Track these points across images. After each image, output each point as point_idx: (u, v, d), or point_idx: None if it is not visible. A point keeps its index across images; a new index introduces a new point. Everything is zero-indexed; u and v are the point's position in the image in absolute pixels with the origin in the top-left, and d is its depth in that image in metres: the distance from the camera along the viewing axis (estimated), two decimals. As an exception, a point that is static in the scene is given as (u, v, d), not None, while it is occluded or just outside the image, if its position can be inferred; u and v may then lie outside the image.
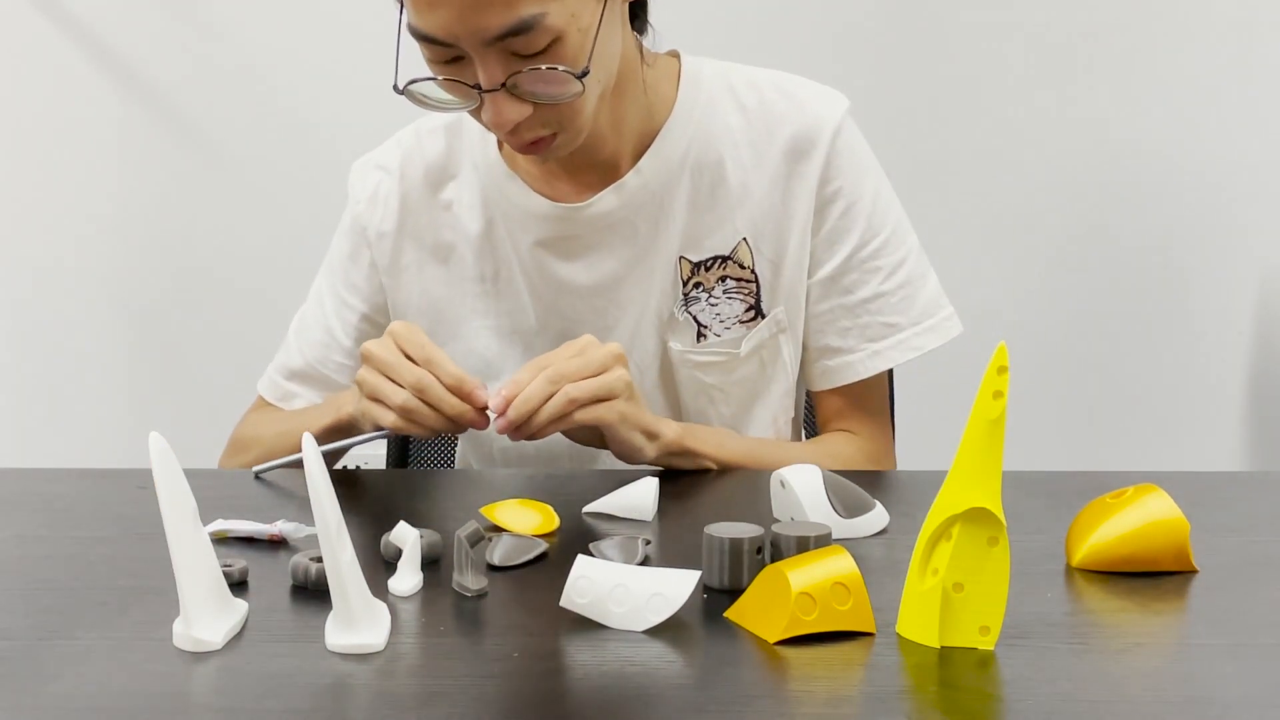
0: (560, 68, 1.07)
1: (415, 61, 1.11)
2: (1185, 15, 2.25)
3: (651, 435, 1.13)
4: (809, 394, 1.33)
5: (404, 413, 1.07)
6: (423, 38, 1.07)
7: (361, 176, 1.30)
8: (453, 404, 1.07)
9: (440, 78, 1.10)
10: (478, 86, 1.08)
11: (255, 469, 1.15)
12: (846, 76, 1.28)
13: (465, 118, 1.28)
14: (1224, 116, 2.27)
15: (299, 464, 0.99)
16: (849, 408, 1.29)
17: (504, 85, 1.07)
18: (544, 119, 1.11)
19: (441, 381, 1.07)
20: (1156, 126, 2.28)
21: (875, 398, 1.31)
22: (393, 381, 1.08)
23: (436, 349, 1.09)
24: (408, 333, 1.09)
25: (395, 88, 1.11)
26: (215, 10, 2.27)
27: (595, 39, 1.09)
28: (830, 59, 2.22)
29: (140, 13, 2.27)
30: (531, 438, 1.08)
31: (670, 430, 1.15)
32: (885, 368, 1.27)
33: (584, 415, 1.07)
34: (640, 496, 1.02)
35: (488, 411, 1.08)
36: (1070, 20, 2.25)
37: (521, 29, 1.05)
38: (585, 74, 1.09)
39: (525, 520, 1.00)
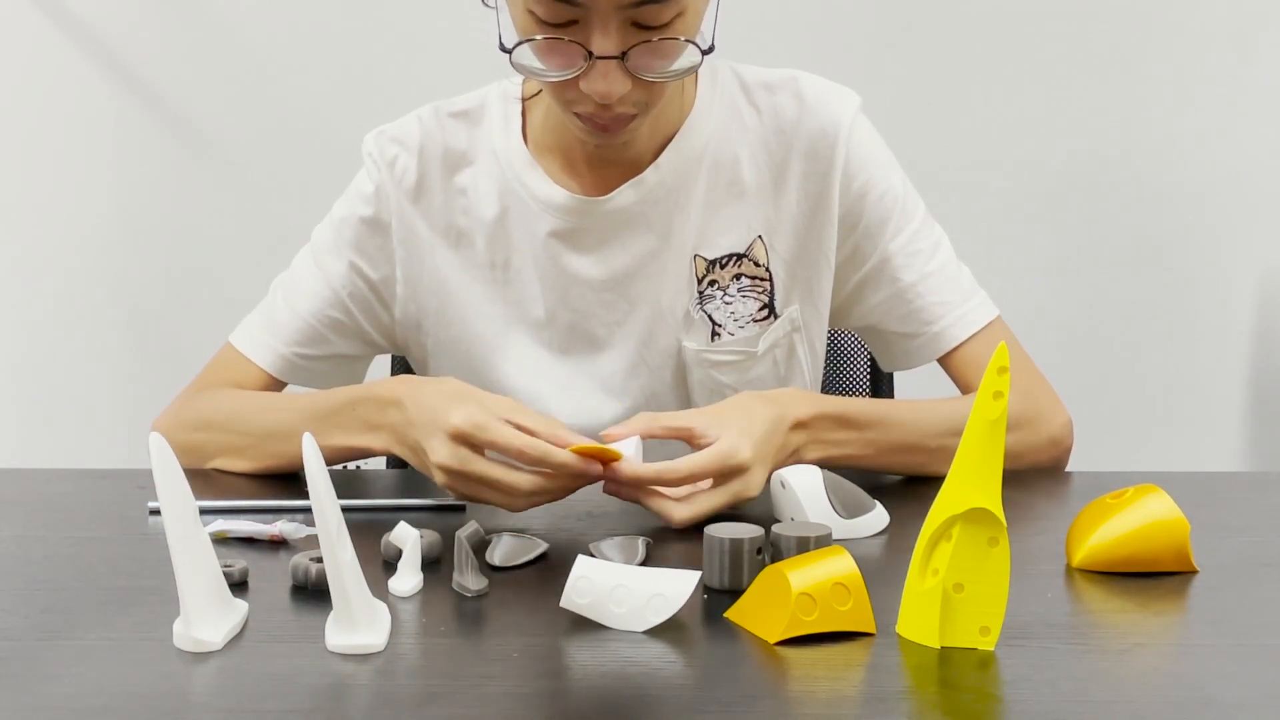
0: (683, 38, 1.08)
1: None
2: (1185, 16, 2.25)
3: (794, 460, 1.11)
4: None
5: (535, 496, 1.01)
6: None
7: (380, 145, 1.28)
8: (570, 468, 0.99)
9: (544, 38, 1.08)
10: (588, 53, 1.07)
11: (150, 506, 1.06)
12: (845, 79, 1.28)
13: (488, 106, 1.27)
14: (1224, 116, 2.27)
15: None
16: (973, 373, 1.26)
17: (620, 56, 1.07)
18: (635, 98, 1.11)
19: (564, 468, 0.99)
20: (1155, 127, 2.28)
21: (985, 358, 1.25)
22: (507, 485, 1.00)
23: (531, 441, 0.99)
24: (490, 434, 0.99)
25: (501, 46, 1.10)
26: (215, 9, 2.27)
27: (714, 22, 1.11)
28: (829, 62, 2.22)
29: (140, 12, 2.27)
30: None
31: (810, 452, 1.11)
32: (954, 345, 1.25)
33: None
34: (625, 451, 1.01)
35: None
36: (1071, 22, 2.25)
37: None
38: (711, 49, 1.10)
39: None
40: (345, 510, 0.79)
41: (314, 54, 2.26)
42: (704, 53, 1.10)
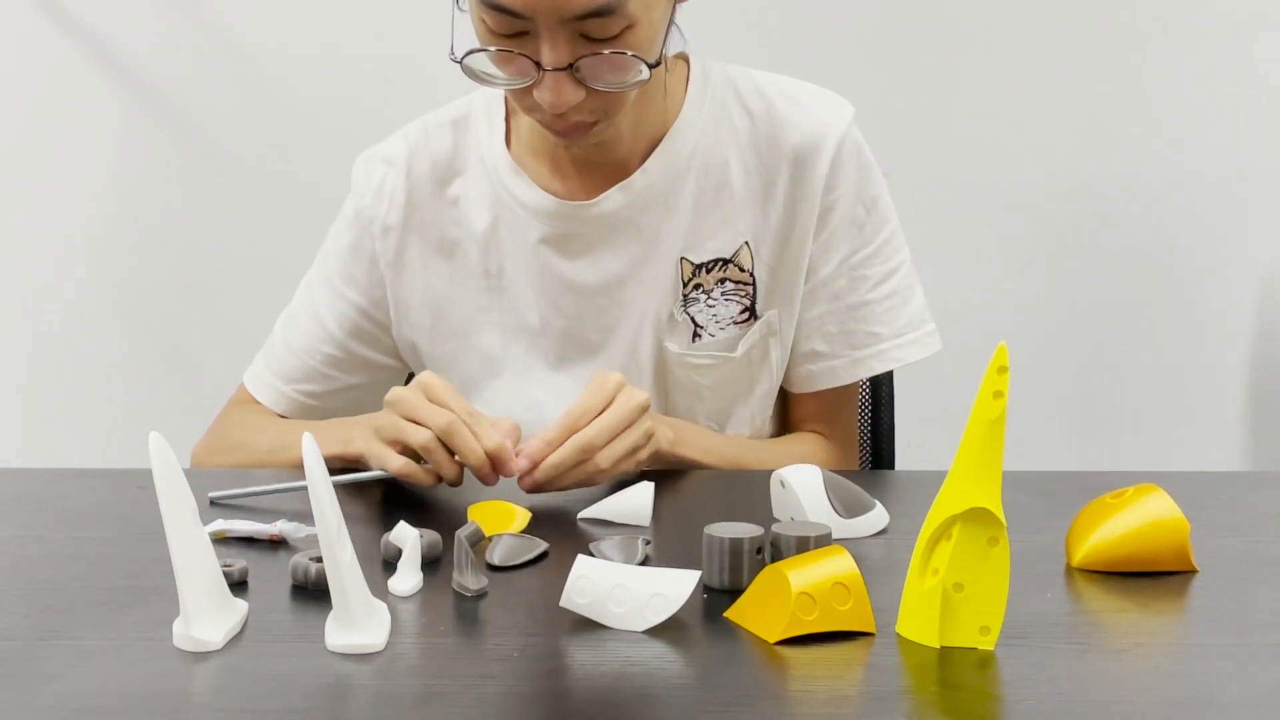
0: (630, 53, 1.08)
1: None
2: (1184, 16, 2.25)
3: (655, 457, 1.15)
4: (784, 392, 1.33)
5: (423, 451, 1.04)
6: (494, 6, 1.06)
7: (367, 170, 1.29)
8: (477, 453, 1.03)
9: (495, 49, 1.08)
10: (538, 63, 1.08)
11: (211, 496, 1.07)
12: (845, 80, 1.28)
13: (473, 114, 1.27)
14: (1224, 116, 2.27)
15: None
16: (823, 412, 1.31)
17: (569, 66, 1.07)
18: (591, 106, 1.11)
19: (480, 439, 1.03)
20: (1155, 127, 2.28)
21: (848, 404, 1.34)
22: (416, 424, 1.04)
23: (475, 409, 1.06)
24: (443, 387, 1.06)
25: (452, 56, 1.10)
26: (216, 9, 2.27)
27: (666, 34, 1.12)
28: (829, 63, 2.22)
29: (140, 12, 2.27)
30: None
31: (665, 444, 1.16)
32: (864, 376, 1.29)
33: (606, 476, 1.07)
34: (636, 501, 1.02)
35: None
36: (1070, 22, 2.25)
37: (603, 11, 1.05)
38: (657, 64, 1.10)
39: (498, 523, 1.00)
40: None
41: (320, 58, 2.26)
42: (650, 67, 1.09)
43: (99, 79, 2.28)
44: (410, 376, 1.36)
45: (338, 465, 1.15)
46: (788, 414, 1.34)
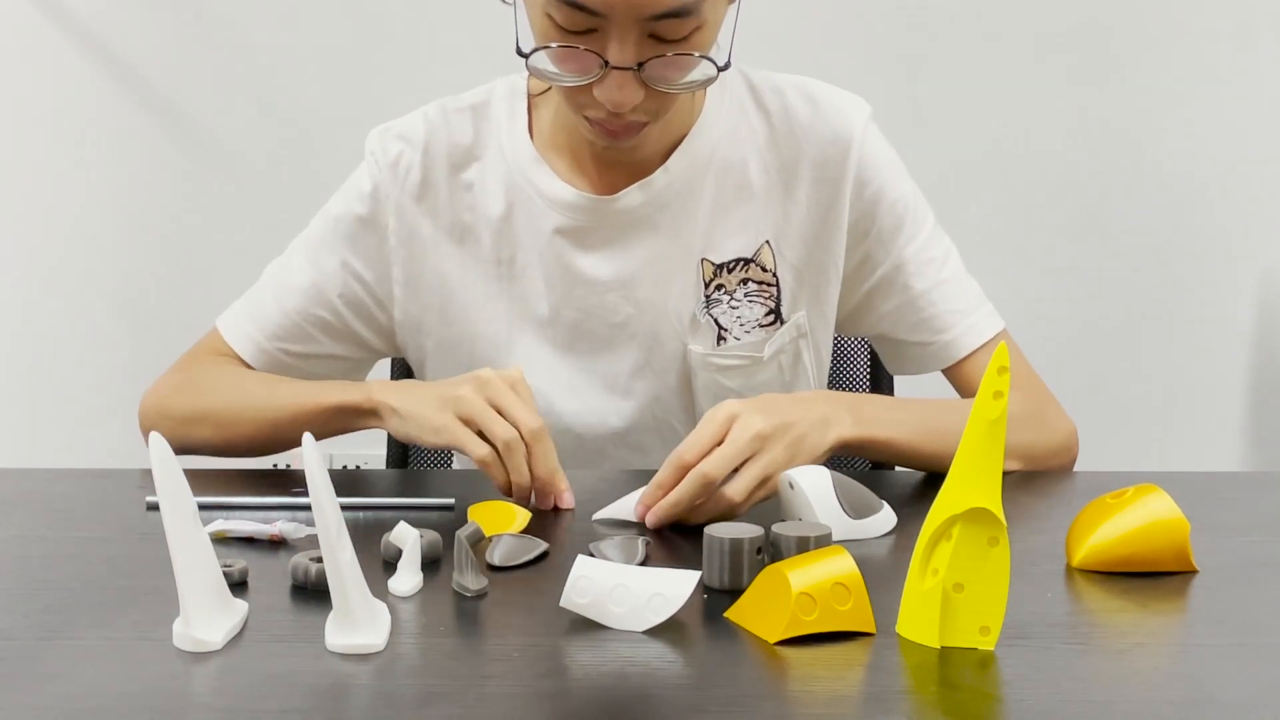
0: (697, 54, 1.08)
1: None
2: (1185, 16, 2.25)
3: (842, 449, 1.11)
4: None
5: (505, 449, 1.04)
6: (568, 2, 1.06)
7: (383, 144, 1.27)
8: (525, 477, 1.05)
9: (559, 45, 1.08)
10: (604, 61, 1.08)
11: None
12: (846, 79, 1.28)
13: (494, 102, 1.27)
14: (1224, 116, 2.27)
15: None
16: (977, 381, 1.26)
17: (636, 67, 1.07)
18: (647, 106, 1.12)
19: (534, 470, 1.05)
20: (1157, 127, 2.28)
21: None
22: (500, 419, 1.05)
23: (544, 427, 1.06)
24: (529, 395, 1.07)
25: (519, 51, 1.10)
26: (215, 9, 2.27)
27: (732, 36, 1.12)
28: (830, 61, 2.22)
29: (139, 11, 2.27)
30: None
31: (847, 432, 1.10)
32: (965, 352, 1.25)
33: (744, 509, 1.03)
34: (637, 501, 1.02)
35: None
36: (1072, 22, 2.25)
37: (680, 11, 1.06)
38: (727, 65, 1.11)
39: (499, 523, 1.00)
40: (344, 510, 0.79)
41: (317, 52, 2.27)
42: (720, 69, 1.10)
43: (99, 79, 2.28)
44: (406, 367, 1.37)
45: (341, 417, 1.16)
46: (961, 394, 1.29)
